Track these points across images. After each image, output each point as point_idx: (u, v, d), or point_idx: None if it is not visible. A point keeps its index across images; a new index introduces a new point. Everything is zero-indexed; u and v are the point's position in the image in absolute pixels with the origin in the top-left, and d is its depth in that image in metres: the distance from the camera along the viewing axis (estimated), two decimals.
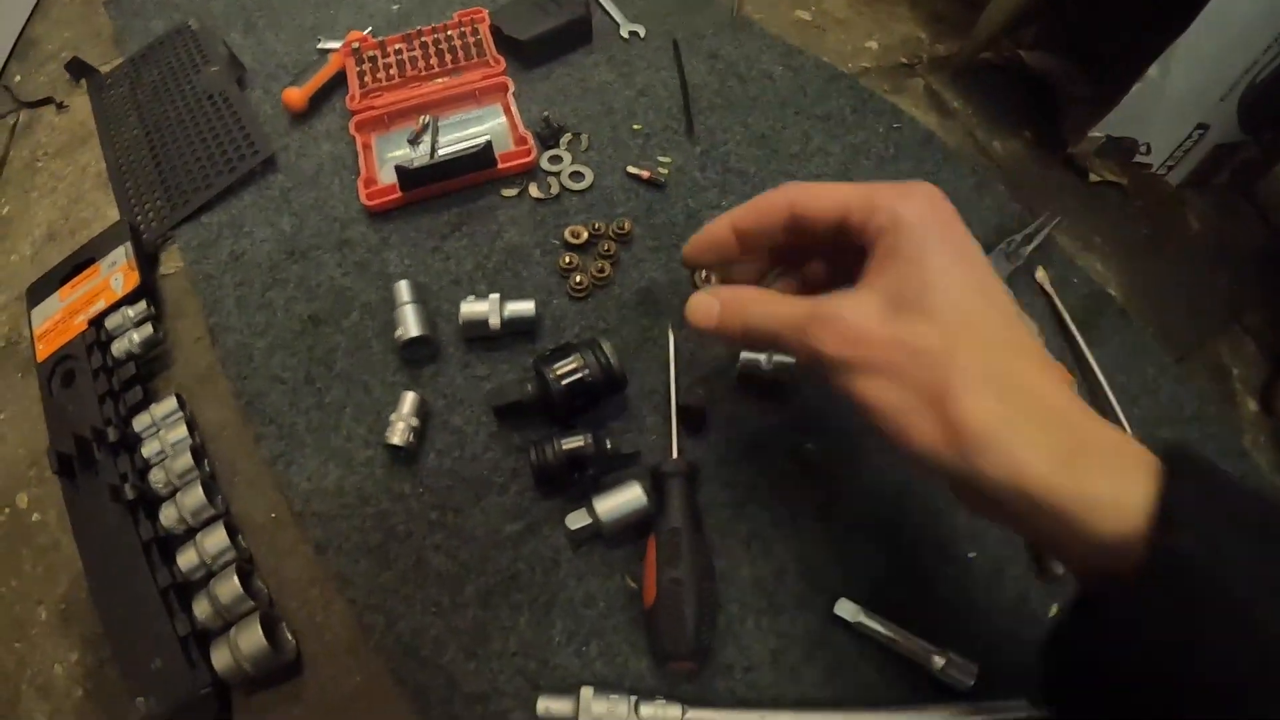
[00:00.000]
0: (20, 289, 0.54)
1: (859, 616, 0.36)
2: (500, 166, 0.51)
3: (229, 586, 0.37)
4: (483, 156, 0.49)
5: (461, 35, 0.59)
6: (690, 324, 0.33)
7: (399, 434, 0.42)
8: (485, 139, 0.49)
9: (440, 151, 0.51)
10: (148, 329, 0.47)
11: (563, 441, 0.39)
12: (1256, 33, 0.48)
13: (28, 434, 0.48)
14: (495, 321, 0.44)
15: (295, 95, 0.57)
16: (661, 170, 0.53)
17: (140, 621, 0.37)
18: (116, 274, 0.51)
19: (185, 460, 0.42)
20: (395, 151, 0.55)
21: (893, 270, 0.28)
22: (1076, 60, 0.59)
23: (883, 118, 0.57)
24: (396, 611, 0.38)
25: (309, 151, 0.57)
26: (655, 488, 0.39)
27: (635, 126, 0.56)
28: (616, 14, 0.64)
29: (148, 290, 0.50)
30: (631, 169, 0.53)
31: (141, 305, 0.49)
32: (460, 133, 0.55)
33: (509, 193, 0.52)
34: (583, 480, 0.40)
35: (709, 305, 0.32)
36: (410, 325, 0.44)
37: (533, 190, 0.52)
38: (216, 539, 0.39)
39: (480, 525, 0.40)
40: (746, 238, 0.34)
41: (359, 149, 0.54)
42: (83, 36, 0.73)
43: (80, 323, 0.49)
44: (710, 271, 0.45)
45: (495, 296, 0.45)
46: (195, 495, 0.40)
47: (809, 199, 0.32)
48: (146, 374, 0.48)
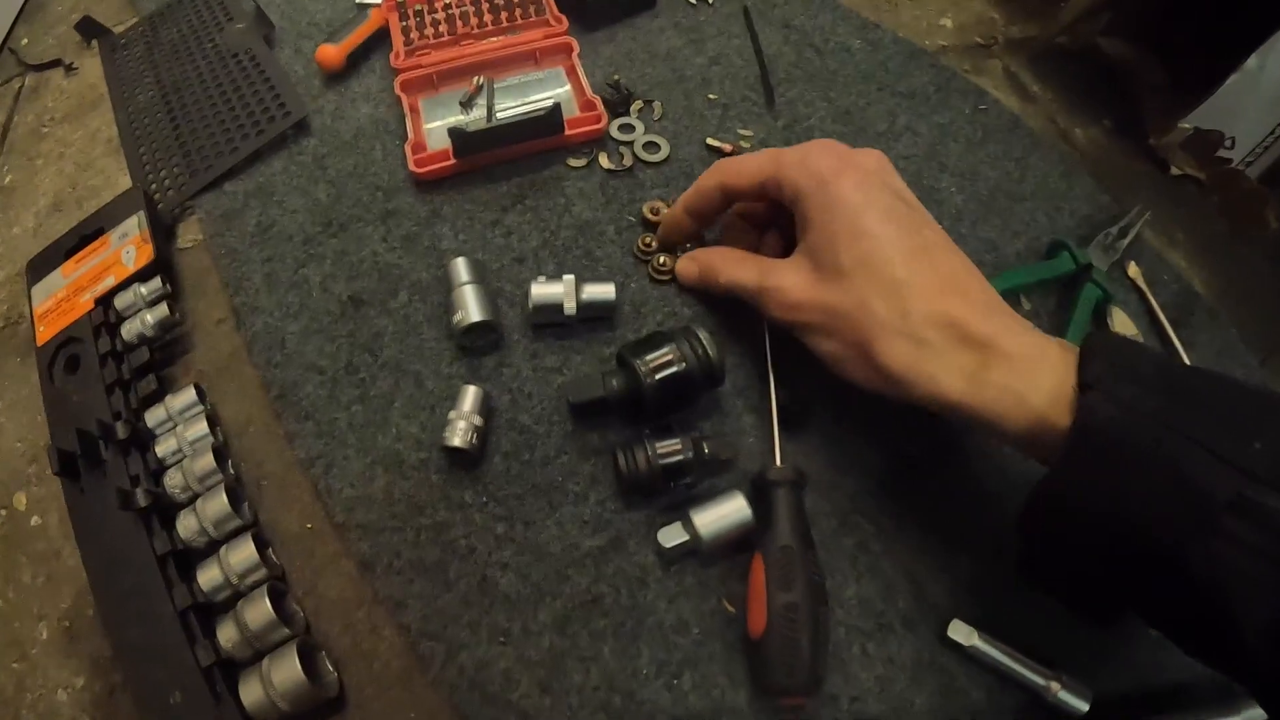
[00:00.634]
0: (21, 264, 0.49)
1: (974, 639, 0.33)
2: (567, 133, 0.46)
3: (259, 610, 0.33)
4: (550, 121, 0.44)
5: None
6: (680, 281, 0.42)
7: (459, 434, 0.36)
8: (553, 101, 0.44)
9: (499, 115, 0.45)
10: (163, 309, 0.42)
11: (657, 446, 0.34)
12: None
13: (27, 426, 0.44)
14: (571, 306, 0.39)
15: (331, 53, 0.52)
16: (744, 143, 0.49)
17: (156, 647, 0.34)
18: (128, 246, 0.45)
19: (206, 461, 0.37)
20: (444, 117, 0.50)
21: (809, 236, 0.34)
22: (1152, 48, 0.56)
23: (968, 98, 0.54)
24: (458, 640, 0.34)
25: (346, 114, 0.51)
26: (758, 498, 0.35)
27: (710, 96, 0.51)
28: None
29: (163, 265, 0.45)
30: (711, 141, 0.48)
31: (156, 282, 0.44)
32: (518, 97, 0.50)
33: (576, 163, 0.47)
34: (675, 489, 0.35)
35: (689, 267, 0.41)
36: (471, 309, 0.39)
37: (603, 161, 0.47)
38: (244, 554, 0.35)
39: (555, 540, 0.36)
40: (699, 215, 0.40)
41: (405, 111, 0.48)
42: None
43: (86, 301, 0.44)
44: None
45: (570, 278, 0.39)
46: (218, 503, 0.36)
47: (733, 176, 0.37)
48: (161, 360, 0.43)
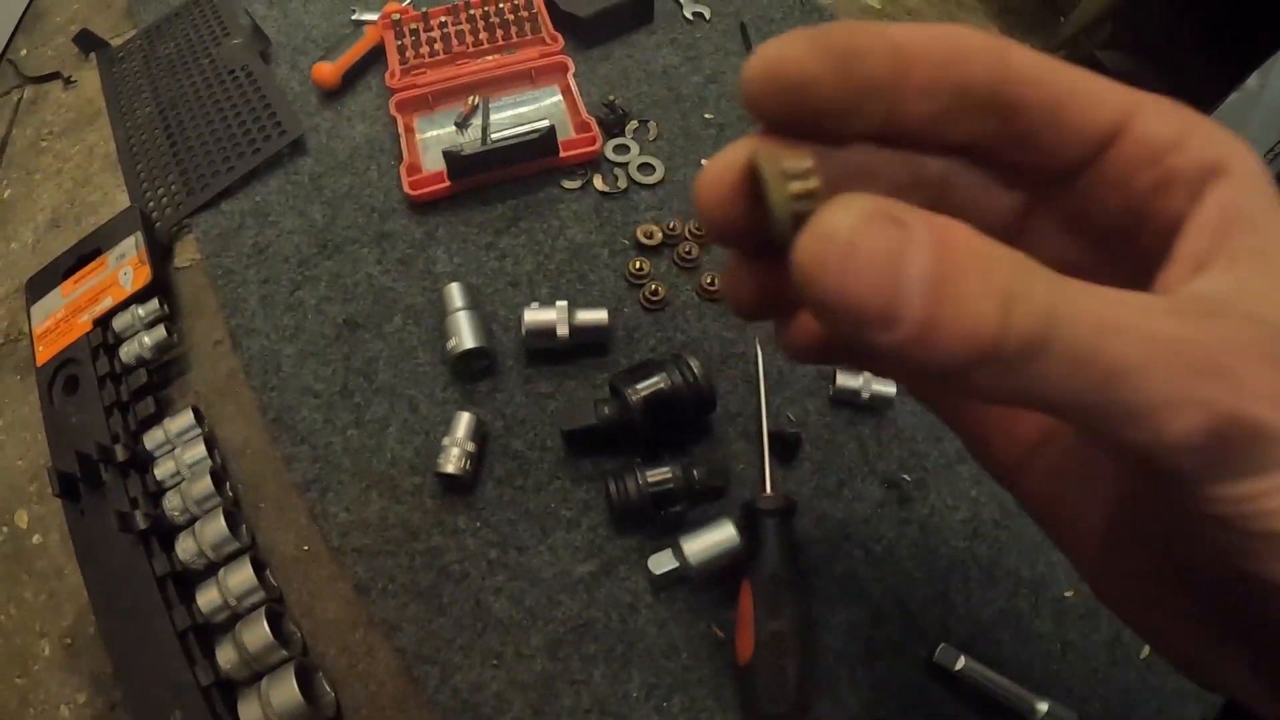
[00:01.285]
0: (21, 280, 0.50)
1: (961, 664, 0.33)
2: (562, 155, 0.46)
3: (258, 633, 0.34)
4: (544, 143, 0.44)
5: (514, 9, 0.53)
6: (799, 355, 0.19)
7: (453, 461, 0.36)
8: (547, 123, 0.44)
9: (494, 136, 0.46)
10: (160, 331, 0.43)
11: (647, 473, 0.35)
12: None
13: (28, 444, 0.44)
14: (564, 332, 0.39)
15: (327, 71, 0.52)
16: None
17: (156, 667, 0.34)
18: (125, 268, 0.45)
19: (204, 484, 0.38)
20: (434, 131, 0.50)
21: (1244, 262, 0.13)
22: (1153, 63, 0.56)
23: None
24: (452, 663, 0.34)
25: (342, 133, 0.52)
26: (748, 526, 0.35)
27: (707, 115, 0.51)
28: None
29: (160, 287, 0.45)
30: (706, 162, 0.48)
31: (153, 304, 0.44)
32: (512, 113, 0.50)
33: (571, 184, 0.47)
34: (666, 516, 0.36)
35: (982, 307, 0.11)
36: (465, 336, 0.39)
37: (598, 182, 0.47)
38: (242, 577, 0.35)
39: (547, 565, 0.36)
40: (876, 89, 0.14)
41: (400, 131, 0.48)
42: (93, 8, 0.68)
43: (85, 322, 0.44)
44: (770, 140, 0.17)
45: (563, 304, 0.40)
46: (217, 526, 0.36)
47: (1053, 78, 0.14)
48: (159, 382, 0.44)
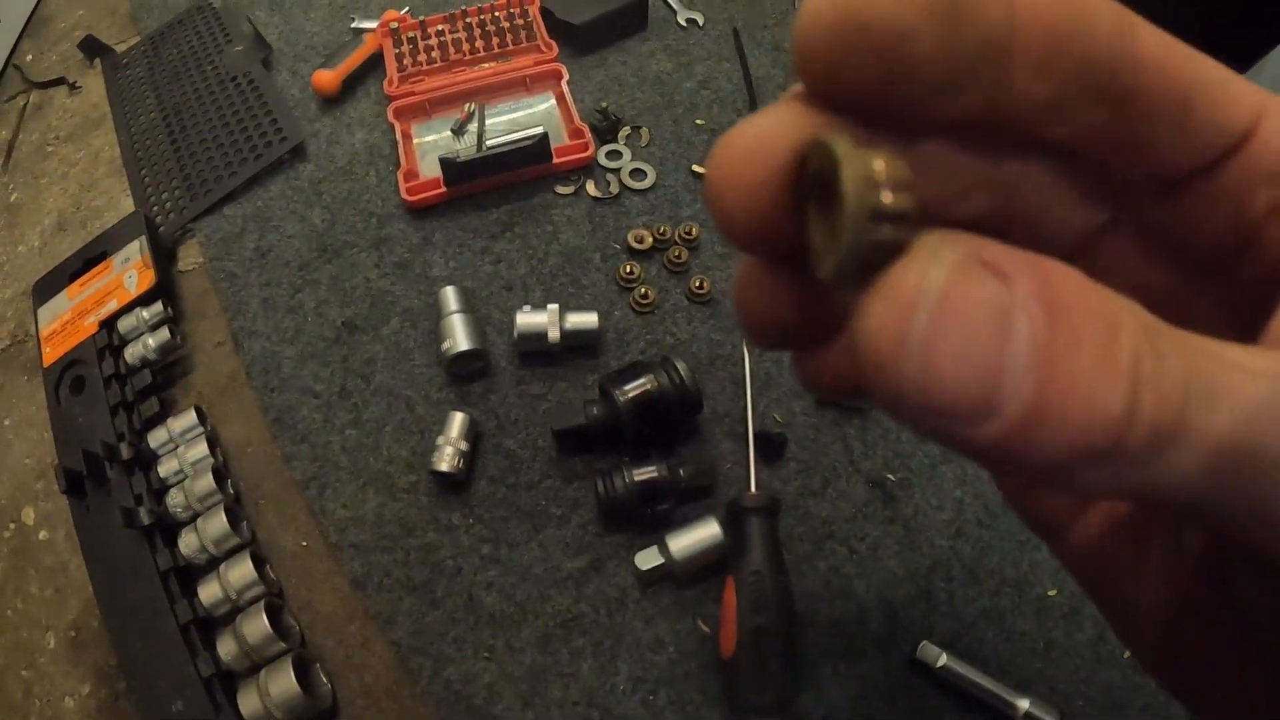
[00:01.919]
0: (28, 282, 0.51)
1: (942, 660, 0.34)
2: (555, 161, 0.47)
3: (257, 626, 0.35)
4: (537, 150, 0.45)
5: (509, 17, 0.55)
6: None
7: (447, 459, 0.38)
8: (541, 130, 0.45)
9: (489, 143, 0.47)
10: (164, 333, 0.44)
11: (634, 472, 0.36)
12: None
13: (35, 442, 0.45)
14: (555, 335, 0.40)
15: (327, 78, 0.53)
16: None
17: (159, 659, 0.35)
18: (130, 271, 0.47)
19: (206, 482, 0.39)
20: (431, 136, 0.51)
21: None
22: None
23: None
24: (445, 655, 0.35)
25: (341, 139, 0.53)
26: (733, 523, 0.36)
27: (699, 121, 0.52)
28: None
29: (164, 289, 0.46)
30: (697, 168, 0.49)
31: (157, 307, 0.45)
32: (508, 119, 0.51)
33: (564, 190, 0.48)
34: (653, 514, 0.37)
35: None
36: (459, 338, 0.40)
37: (590, 188, 0.48)
38: (242, 572, 0.36)
39: (538, 561, 0.37)
40: (988, 56, 0.10)
41: (398, 138, 0.50)
42: (98, 13, 0.69)
43: (91, 324, 0.45)
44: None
45: (554, 307, 0.41)
46: (218, 522, 0.37)
47: (1183, 66, 0.11)
48: (163, 382, 0.45)
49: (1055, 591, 0.36)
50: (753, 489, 0.37)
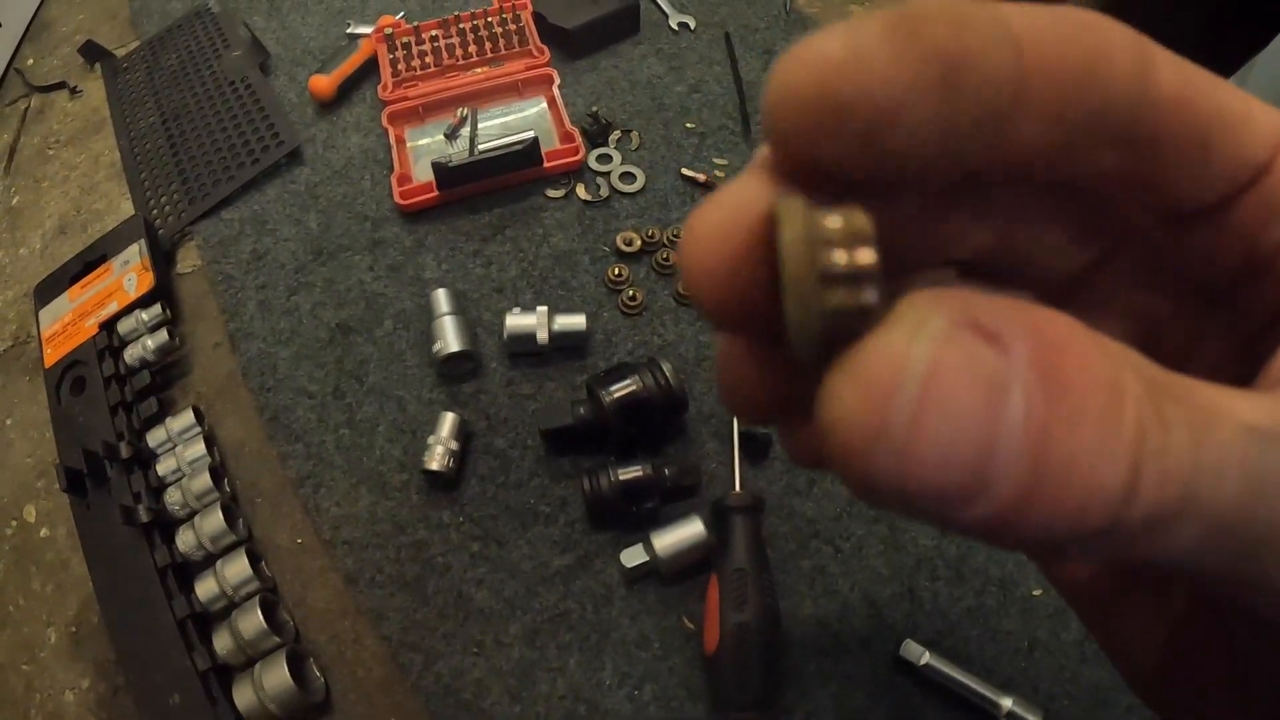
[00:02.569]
0: (30, 284, 0.51)
1: (925, 659, 0.34)
2: (546, 165, 0.48)
3: (252, 621, 0.36)
4: (528, 154, 0.46)
5: (502, 22, 0.55)
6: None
7: (437, 459, 0.38)
8: (531, 135, 0.46)
9: (481, 147, 0.47)
10: (163, 335, 0.45)
11: (619, 471, 0.36)
12: None
13: (36, 442, 0.46)
14: (543, 336, 0.41)
15: (323, 83, 0.54)
16: (718, 174, 0.50)
17: (156, 653, 0.36)
18: (130, 274, 0.47)
19: (204, 480, 0.40)
20: (425, 140, 0.52)
21: None
22: None
23: None
24: (435, 650, 0.36)
25: (337, 144, 0.53)
26: (717, 522, 0.36)
27: (689, 125, 0.53)
28: (665, 4, 0.60)
29: (163, 292, 0.47)
30: (686, 171, 0.50)
31: (156, 309, 0.46)
32: (501, 123, 0.52)
33: (554, 193, 0.49)
34: (639, 512, 0.37)
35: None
36: (450, 339, 0.41)
37: (580, 191, 0.49)
38: (238, 568, 0.37)
39: (526, 558, 0.38)
40: (992, 114, 0.09)
41: (392, 143, 0.50)
42: (98, 18, 0.70)
43: (91, 326, 0.46)
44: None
45: (543, 309, 0.41)
46: (215, 520, 0.38)
47: (1202, 100, 0.10)
48: (162, 383, 0.46)
49: (1040, 591, 0.36)
50: (737, 488, 0.38)
